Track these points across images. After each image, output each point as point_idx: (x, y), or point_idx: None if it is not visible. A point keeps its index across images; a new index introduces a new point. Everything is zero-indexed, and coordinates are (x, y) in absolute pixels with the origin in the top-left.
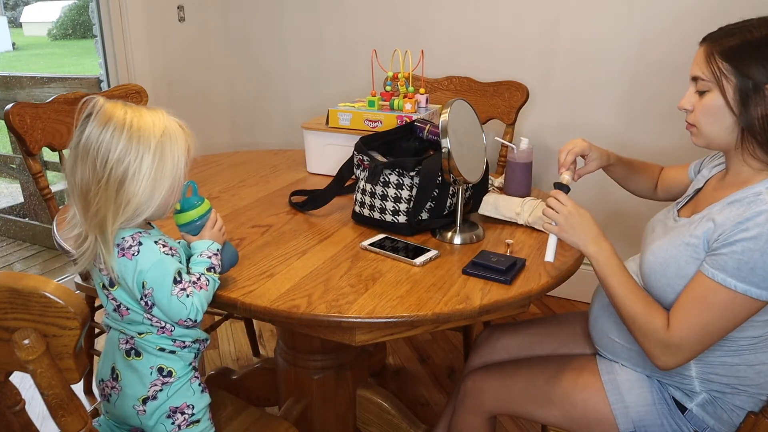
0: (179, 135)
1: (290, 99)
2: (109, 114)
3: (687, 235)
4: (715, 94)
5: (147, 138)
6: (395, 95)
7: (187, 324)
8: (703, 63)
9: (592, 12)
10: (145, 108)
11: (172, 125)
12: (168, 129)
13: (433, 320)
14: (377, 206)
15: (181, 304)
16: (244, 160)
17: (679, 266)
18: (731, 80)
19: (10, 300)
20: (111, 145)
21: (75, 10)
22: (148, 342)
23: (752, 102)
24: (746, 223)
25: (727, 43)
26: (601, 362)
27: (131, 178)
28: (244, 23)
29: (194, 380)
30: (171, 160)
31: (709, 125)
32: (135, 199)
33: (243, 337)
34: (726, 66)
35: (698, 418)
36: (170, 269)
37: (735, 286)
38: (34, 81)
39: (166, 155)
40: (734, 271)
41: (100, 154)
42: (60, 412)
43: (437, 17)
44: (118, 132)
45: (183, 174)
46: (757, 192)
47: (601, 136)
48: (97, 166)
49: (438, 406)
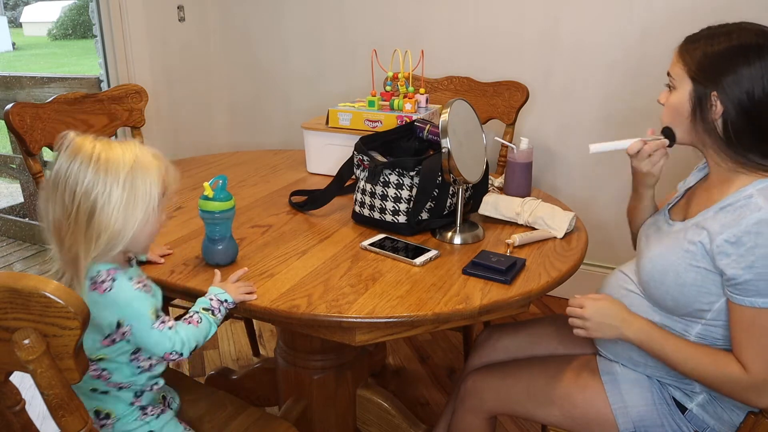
0: (151, 166)
1: (290, 99)
2: (77, 147)
3: (683, 241)
4: (678, 94)
5: (115, 169)
6: (395, 95)
7: (174, 358)
8: (673, 62)
9: (592, 12)
10: (118, 140)
11: (144, 156)
12: (139, 160)
13: (433, 320)
14: (377, 206)
15: (163, 336)
16: (244, 160)
17: (677, 273)
18: (689, 84)
19: (10, 300)
20: (78, 177)
21: (75, 10)
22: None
23: (704, 107)
24: (749, 236)
25: (692, 48)
26: (601, 362)
27: (100, 210)
28: (244, 23)
29: (146, 416)
30: (143, 191)
31: (672, 122)
32: (106, 232)
33: (243, 337)
34: (687, 70)
35: (698, 418)
36: (146, 303)
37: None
38: (34, 81)
39: (137, 186)
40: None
41: (68, 188)
42: (60, 412)
43: (437, 17)
44: (86, 164)
45: (158, 204)
46: (748, 195)
47: (601, 136)
48: (66, 201)
49: (438, 406)
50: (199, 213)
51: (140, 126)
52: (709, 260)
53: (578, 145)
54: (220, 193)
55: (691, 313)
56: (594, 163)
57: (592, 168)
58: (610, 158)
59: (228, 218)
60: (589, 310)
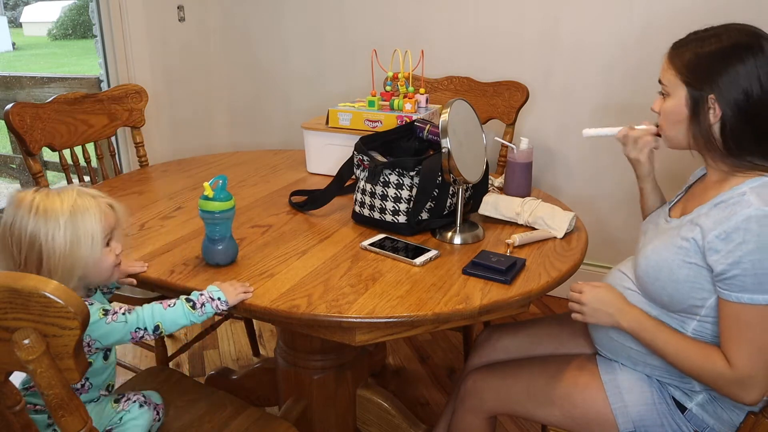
0: (90, 209)
1: (290, 99)
2: (18, 201)
3: (678, 237)
4: (672, 100)
5: (55, 216)
6: (395, 95)
7: (140, 335)
8: (664, 69)
9: (592, 12)
10: (57, 189)
11: (82, 201)
12: (77, 206)
13: (433, 320)
14: (377, 206)
15: (118, 324)
16: (244, 160)
17: (671, 269)
18: (682, 89)
19: (10, 300)
20: (21, 229)
21: (75, 10)
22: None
23: (701, 111)
24: (738, 233)
25: (681, 53)
26: (601, 362)
27: (47, 256)
28: (244, 23)
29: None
30: (83, 231)
31: (669, 128)
32: (56, 275)
33: (243, 337)
34: (679, 76)
35: (698, 417)
36: (91, 311)
37: (765, 300)
38: (34, 81)
39: (78, 228)
40: (756, 286)
41: (14, 240)
42: (60, 412)
43: (437, 17)
44: (26, 216)
45: (101, 245)
46: (741, 192)
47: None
48: (14, 252)
49: (438, 406)
50: (199, 213)
51: (140, 126)
52: (701, 256)
53: (578, 145)
54: (220, 193)
55: (685, 309)
56: (594, 163)
57: (592, 168)
58: (609, 158)
59: (228, 218)
60: (587, 296)
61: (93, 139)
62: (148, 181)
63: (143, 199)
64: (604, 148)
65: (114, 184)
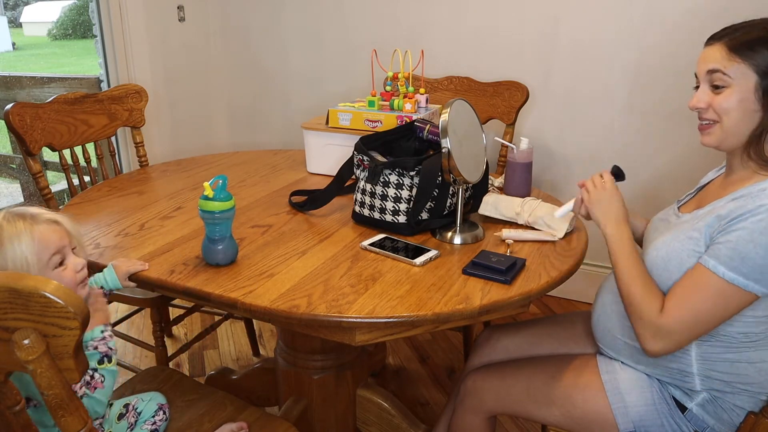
0: (19, 234)
1: (290, 99)
2: None
3: (690, 229)
4: (736, 89)
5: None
6: (395, 95)
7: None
8: (724, 59)
9: (592, 12)
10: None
11: (9, 226)
12: (5, 230)
13: (433, 320)
14: (377, 206)
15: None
16: (244, 160)
17: (680, 260)
18: (752, 77)
19: (10, 300)
20: None
21: (75, 10)
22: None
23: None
24: (746, 215)
25: (745, 38)
26: (601, 362)
27: None
28: (244, 23)
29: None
30: (11, 258)
31: (737, 123)
32: None
33: (243, 337)
34: (749, 61)
35: (698, 417)
36: None
37: (723, 273)
38: (34, 81)
39: (6, 261)
40: (726, 259)
41: None
42: (60, 412)
43: (437, 17)
44: None
45: (44, 269)
46: (762, 188)
47: (601, 136)
48: None
49: (438, 406)
50: (199, 213)
51: (140, 126)
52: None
53: (578, 145)
54: (220, 193)
55: None
56: (594, 163)
57: (592, 168)
58: (610, 158)
59: (228, 218)
60: (604, 185)
61: (93, 139)
62: (148, 181)
63: (143, 199)
64: (604, 147)
65: (114, 184)
